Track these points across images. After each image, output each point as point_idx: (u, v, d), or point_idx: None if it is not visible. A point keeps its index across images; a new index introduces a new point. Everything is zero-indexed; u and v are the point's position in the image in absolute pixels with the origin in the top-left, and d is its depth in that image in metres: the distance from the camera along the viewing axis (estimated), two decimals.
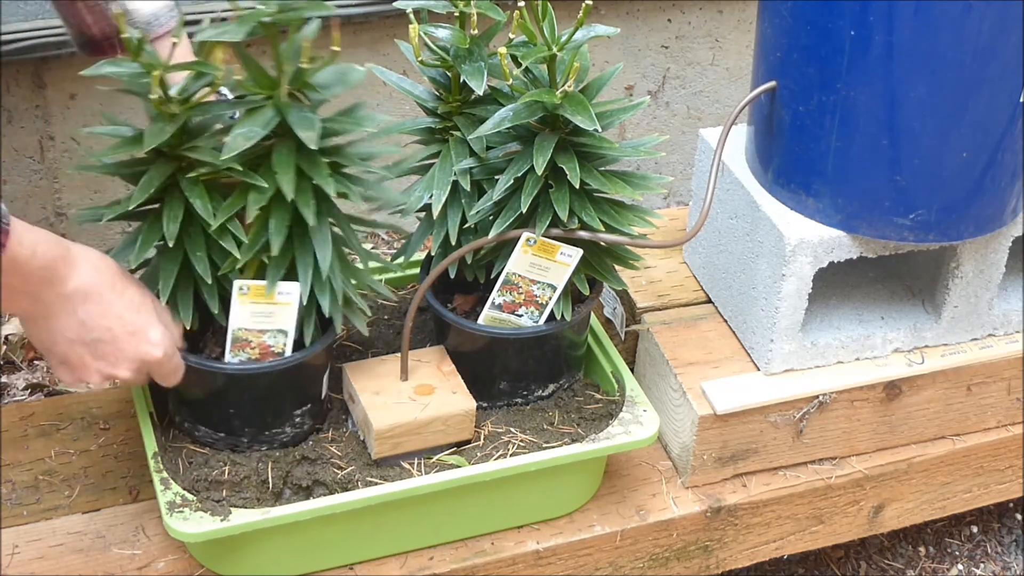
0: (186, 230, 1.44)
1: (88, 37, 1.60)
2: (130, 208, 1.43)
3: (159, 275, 1.47)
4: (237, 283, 1.47)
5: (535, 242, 1.56)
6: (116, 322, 1.41)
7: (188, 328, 1.49)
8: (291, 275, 1.48)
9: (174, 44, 1.41)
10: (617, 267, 1.65)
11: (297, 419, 1.57)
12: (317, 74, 1.43)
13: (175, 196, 1.44)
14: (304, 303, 1.48)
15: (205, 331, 1.56)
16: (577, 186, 1.52)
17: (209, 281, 1.46)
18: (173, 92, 1.41)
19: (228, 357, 1.51)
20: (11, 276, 1.32)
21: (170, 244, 1.43)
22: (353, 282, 1.54)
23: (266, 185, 1.41)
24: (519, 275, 1.59)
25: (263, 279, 1.47)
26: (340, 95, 1.45)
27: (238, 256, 1.44)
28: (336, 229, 1.51)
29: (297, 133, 1.39)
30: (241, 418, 1.54)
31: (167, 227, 1.43)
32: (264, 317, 1.49)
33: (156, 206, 1.46)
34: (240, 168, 1.40)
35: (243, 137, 1.38)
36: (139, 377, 1.46)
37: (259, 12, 1.36)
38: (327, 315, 1.51)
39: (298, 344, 1.53)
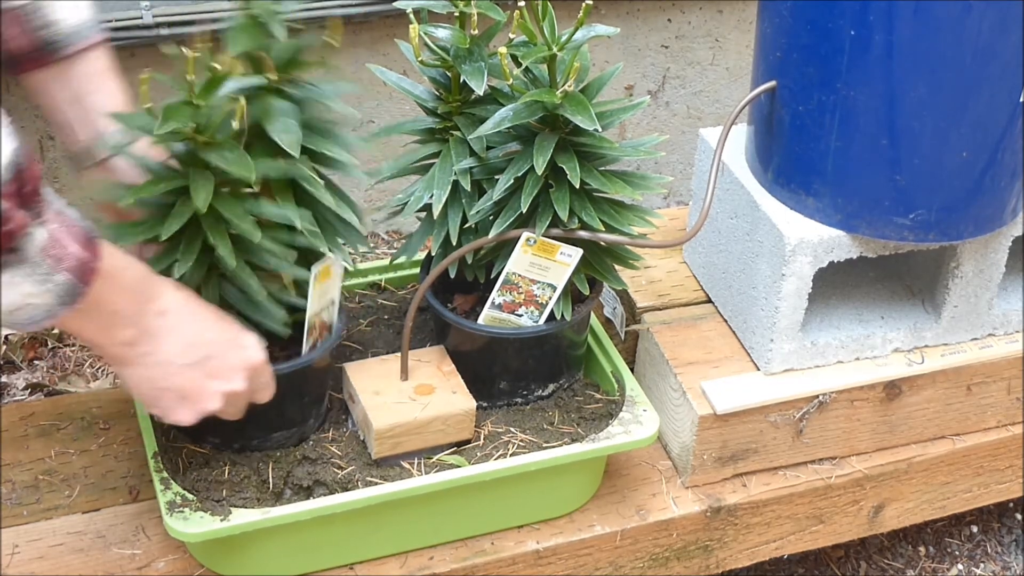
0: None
1: (11, 54, 1.45)
2: (181, 224, 1.37)
3: (246, 279, 1.43)
4: (314, 269, 1.45)
5: (535, 242, 1.56)
6: (218, 334, 1.36)
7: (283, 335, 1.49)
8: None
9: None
10: (617, 267, 1.65)
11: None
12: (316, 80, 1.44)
13: (215, 214, 1.38)
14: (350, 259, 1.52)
15: None
16: (577, 186, 1.52)
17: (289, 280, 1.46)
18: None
19: (306, 348, 1.51)
20: (112, 294, 1.23)
21: (232, 263, 1.38)
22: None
23: (314, 174, 1.42)
24: (519, 275, 1.59)
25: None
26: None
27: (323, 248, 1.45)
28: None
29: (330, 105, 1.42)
30: (313, 400, 1.57)
31: (220, 245, 1.38)
32: (324, 296, 1.50)
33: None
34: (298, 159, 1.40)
35: (286, 132, 1.38)
36: (250, 392, 1.41)
37: (263, 6, 1.36)
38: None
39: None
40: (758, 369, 1.76)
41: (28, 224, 1.14)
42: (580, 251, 1.57)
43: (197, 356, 1.34)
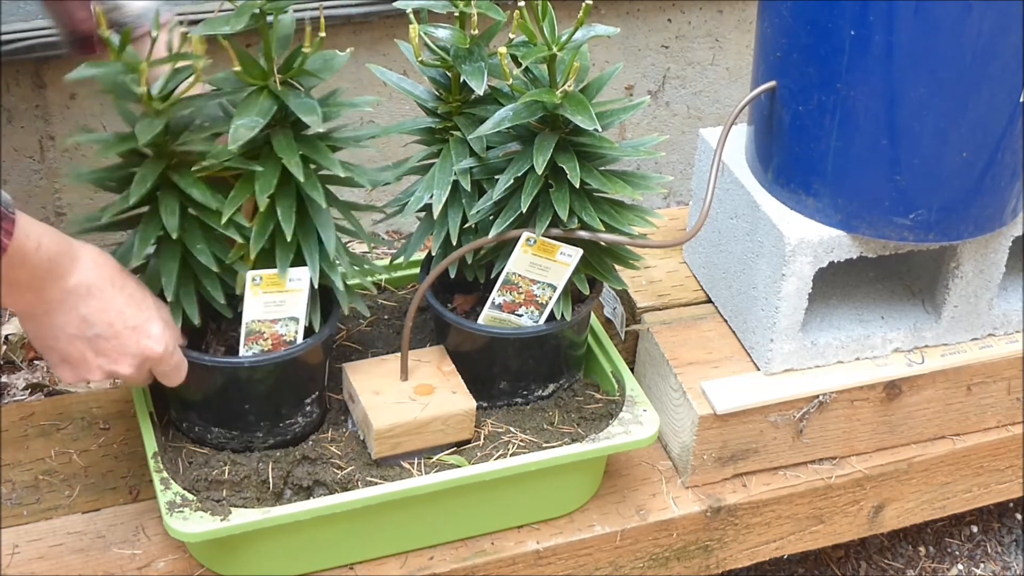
0: (183, 226, 1.44)
1: (80, 34, 1.58)
2: (128, 205, 1.42)
3: (160, 273, 1.46)
4: (250, 274, 1.46)
5: (535, 242, 1.56)
6: (117, 317, 1.40)
7: (196, 324, 1.49)
8: (296, 261, 1.49)
9: (153, 41, 1.38)
10: (617, 267, 1.65)
11: (308, 408, 1.58)
12: (307, 61, 1.44)
13: (169, 193, 1.43)
14: (315, 287, 1.49)
15: (204, 332, 1.56)
16: (577, 186, 1.52)
17: (215, 272, 1.46)
18: (154, 89, 1.40)
19: (243, 351, 1.51)
20: (17, 269, 1.31)
21: (173, 236, 1.42)
22: (355, 267, 1.55)
23: (267, 171, 1.42)
24: (519, 275, 1.59)
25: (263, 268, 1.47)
26: (327, 80, 1.46)
27: (249, 246, 1.44)
28: (334, 211, 1.53)
29: (302, 118, 1.40)
30: (256, 413, 1.54)
31: (167, 221, 1.42)
32: (276, 306, 1.49)
33: (147, 208, 1.45)
34: (241, 158, 1.41)
35: (245, 128, 1.38)
36: (140, 375, 1.45)
37: (251, 4, 1.37)
38: (338, 296, 1.52)
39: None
40: (758, 369, 1.76)
41: None
42: (580, 251, 1.57)
43: (87, 332, 1.39)
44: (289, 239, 1.45)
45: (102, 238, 1.47)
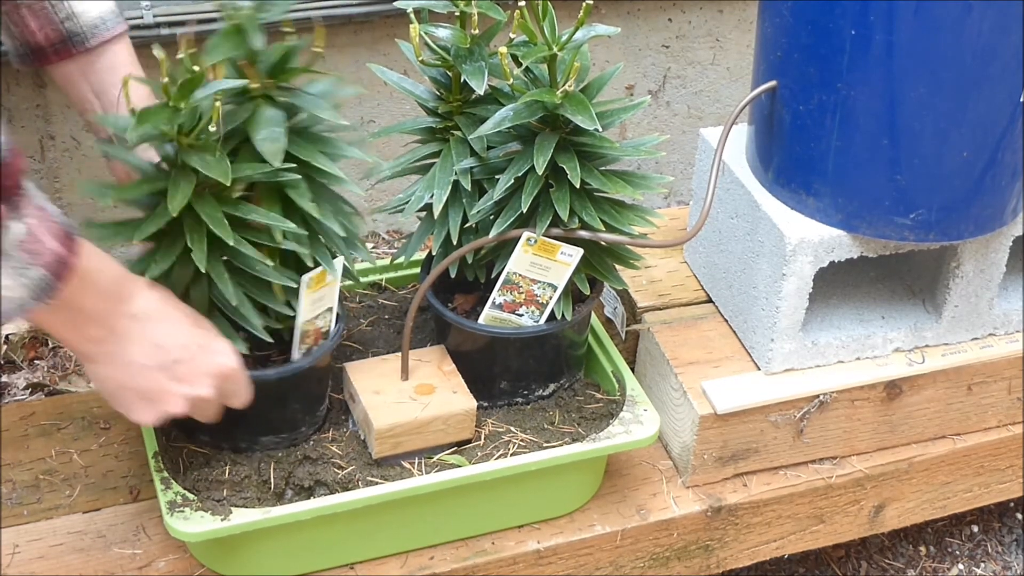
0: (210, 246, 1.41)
1: (32, 46, 1.49)
2: (167, 220, 1.37)
3: (222, 290, 1.42)
4: (304, 278, 1.45)
5: (535, 242, 1.56)
6: (188, 338, 1.35)
7: (264, 339, 1.47)
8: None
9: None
10: (618, 267, 1.65)
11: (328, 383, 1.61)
12: (308, 86, 1.44)
13: (197, 217, 1.38)
14: (352, 270, 1.53)
15: None
16: (577, 186, 1.52)
17: (268, 285, 1.45)
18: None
19: (296, 354, 1.51)
20: (85, 294, 1.24)
21: (203, 265, 1.37)
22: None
23: (300, 178, 1.42)
24: (520, 275, 1.59)
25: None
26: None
27: (307, 252, 1.44)
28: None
29: (320, 115, 1.42)
30: (304, 408, 1.56)
31: (225, 237, 1.37)
32: (319, 302, 1.49)
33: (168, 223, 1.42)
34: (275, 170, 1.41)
35: (270, 141, 1.37)
36: (219, 398, 1.41)
37: (244, 14, 1.36)
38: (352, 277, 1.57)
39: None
40: (759, 369, 1.76)
41: (6, 217, 1.14)
42: (580, 251, 1.57)
43: (164, 359, 1.34)
44: (342, 233, 1.46)
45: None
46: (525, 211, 1.53)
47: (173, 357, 1.34)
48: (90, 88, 1.51)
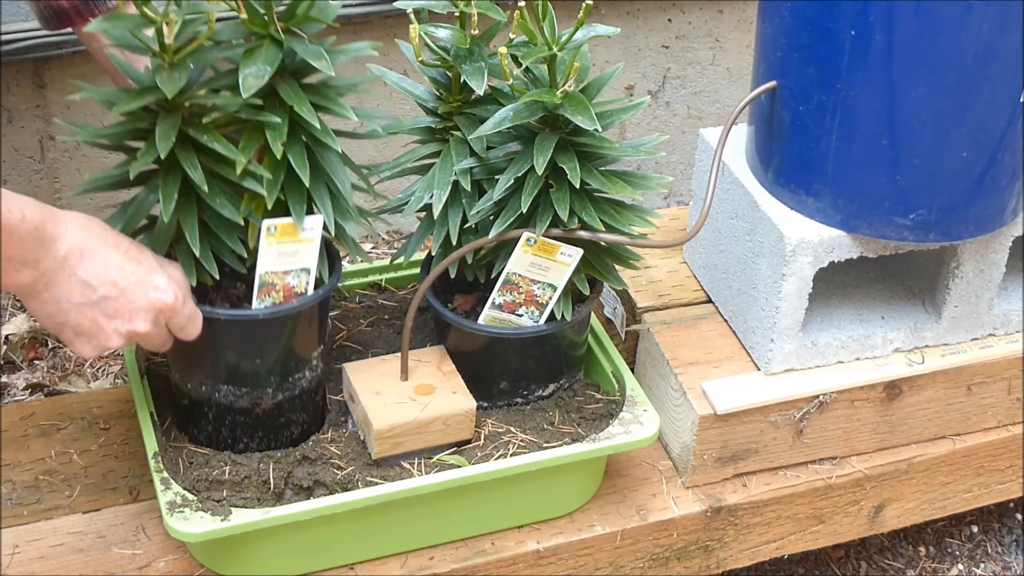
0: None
1: (55, 8, 1.55)
2: (150, 160, 1.38)
3: (181, 228, 1.42)
4: (266, 223, 1.44)
5: (535, 242, 1.56)
6: (118, 274, 1.37)
7: (216, 278, 1.46)
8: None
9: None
10: (617, 267, 1.65)
11: (314, 362, 1.57)
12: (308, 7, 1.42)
13: (186, 147, 1.40)
14: (333, 233, 1.48)
15: (206, 292, 1.53)
16: (577, 186, 1.52)
17: (233, 226, 1.43)
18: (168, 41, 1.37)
19: (256, 304, 1.49)
20: (7, 244, 1.28)
21: (204, 188, 1.38)
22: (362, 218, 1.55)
23: (280, 120, 1.40)
24: (519, 275, 1.59)
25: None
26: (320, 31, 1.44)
27: (264, 197, 1.42)
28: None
29: (312, 63, 1.39)
30: (267, 367, 1.52)
31: (192, 174, 1.38)
32: (289, 257, 1.47)
33: (154, 167, 1.43)
34: (256, 106, 1.40)
35: (253, 77, 1.36)
36: (158, 330, 1.41)
37: None
38: (348, 246, 1.51)
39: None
40: (758, 369, 1.76)
41: None
42: (580, 251, 1.57)
43: (91, 297, 1.36)
44: (307, 183, 1.43)
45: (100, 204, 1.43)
46: (525, 211, 1.53)
47: (101, 294, 1.36)
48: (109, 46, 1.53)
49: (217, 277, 1.46)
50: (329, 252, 1.55)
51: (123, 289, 1.37)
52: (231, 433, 1.57)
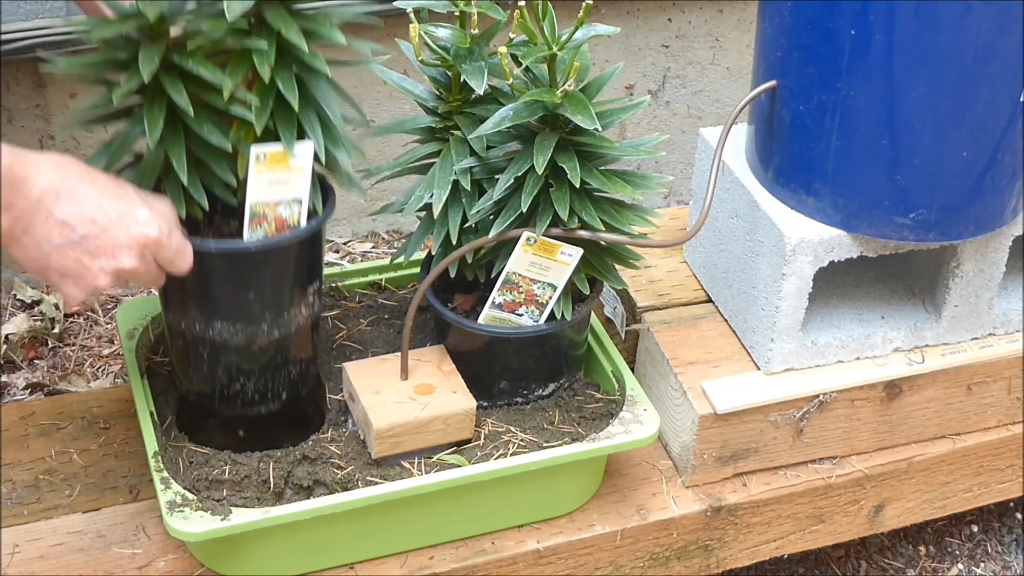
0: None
1: None
2: (133, 87, 1.36)
3: (169, 158, 1.39)
4: (254, 149, 1.40)
5: (535, 241, 1.56)
6: (97, 211, 1.32)
7: (206, 209, 1.43)
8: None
9: None
10: (617, 266, 1.65)
11: (310, 297, 1.54)
12: None
13: (171, 74, 1.37)
14: (324, 162, 1.45)
15: (198, 227, 1.50)
16: (577, 185, 1.52)
17: (223, 155, 1.40)
18: None
19: (247, 235, 1.45)
20: None
21: (189, 113, 1.36)
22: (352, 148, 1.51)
23: (267, 45, 1.37)
24: (519, 274, 1.59)
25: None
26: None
27: (253, 124, 1.39)
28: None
29: None
30: (261, 302, 1.48)
31: (178, 100, 1.36)
32: (279, 186, 1.43)
33: (138, 98, 1.41)
34: (242, 31, 1.37)
35: (238, 0, 1.34)
36: (147, 266, 1.37)
37: None
38: (340, 177, 1.48)
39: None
40: (758, 369, 1.76)
41: None
42: (580, 251, 1.57)
43: (71, 237, 1.32)
44: (296, 109, 1.40)
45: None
46: (525, 211, 1.53)
47: (80, 233, 1.32)
48: None
49: (206, 207, 1.42)
50: (323, 186, 1.52)
51: (103, 226, 1.33)
52: (227, 375, 1.53)
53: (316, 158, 1.45)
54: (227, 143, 1.40)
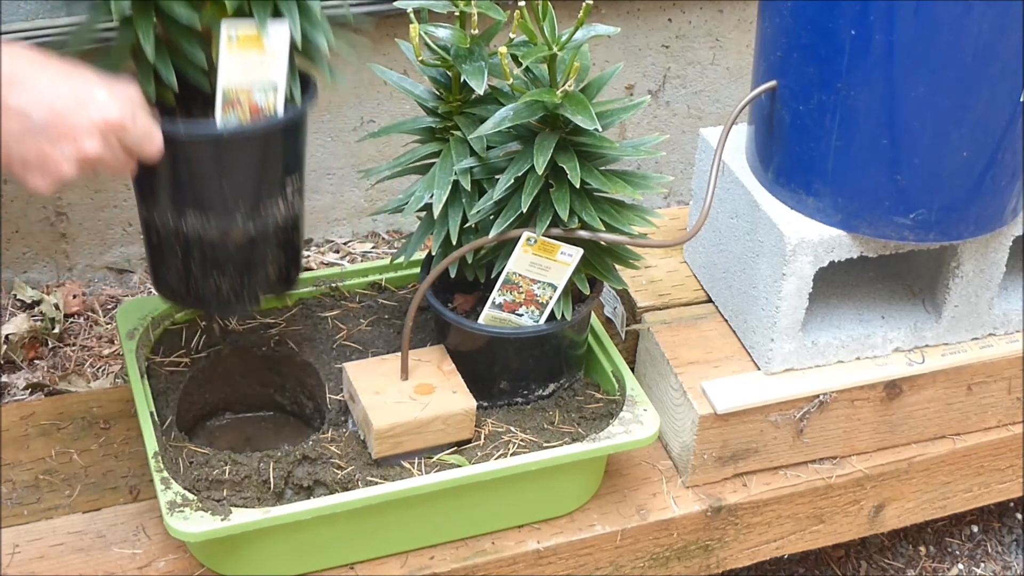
0: None
1: None
2: None
3: (137, 35, 1.33)
4: (225, 25, 1.35)
5: (535, 241, 1.56)
6: (53, 97, 1.27)
7: (176, 91, 1.38)
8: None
9: None
10: (617, 266, 1.65)
11: (288, 190, 1.47)
12: None
13: None
14: (300, 45, 1.38)
15: (172, 114, 1.44)
16: (577, 185, 1.52)
17: (194, 33, 1.34)
18: None
19: (219, 121, 1.39)
20: None
21: None
22: (337, 35, 1.45)
23: None
24: (519, 274, 1.59)
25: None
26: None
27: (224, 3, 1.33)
28: None
29: None
30: (234, 191, 1.42)
31: None
32: (254, 69, 1.37)
33: None
34: None
35: None
36: (112, 152, 1.32)
37: None
38: (319, 63, 1.42)
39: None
40: (758, 369, 1.76)
41: None
42: (580, 251, 1.57)
43: (29, 125, 1.27)
44: None
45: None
46: (525, 211, 1.53)
47: (38, 120, 1.27)
48: None
49: (175, 87, 1.37)
50: (304, 78, 1.46)
51: (61, 111, 1.27)
52: (202, 271, 1.46)
53: (293, 43, 1.37)
54: (196, 20, 1.33)
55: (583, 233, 1.56)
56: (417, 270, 1.83)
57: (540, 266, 1.58)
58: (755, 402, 1.71)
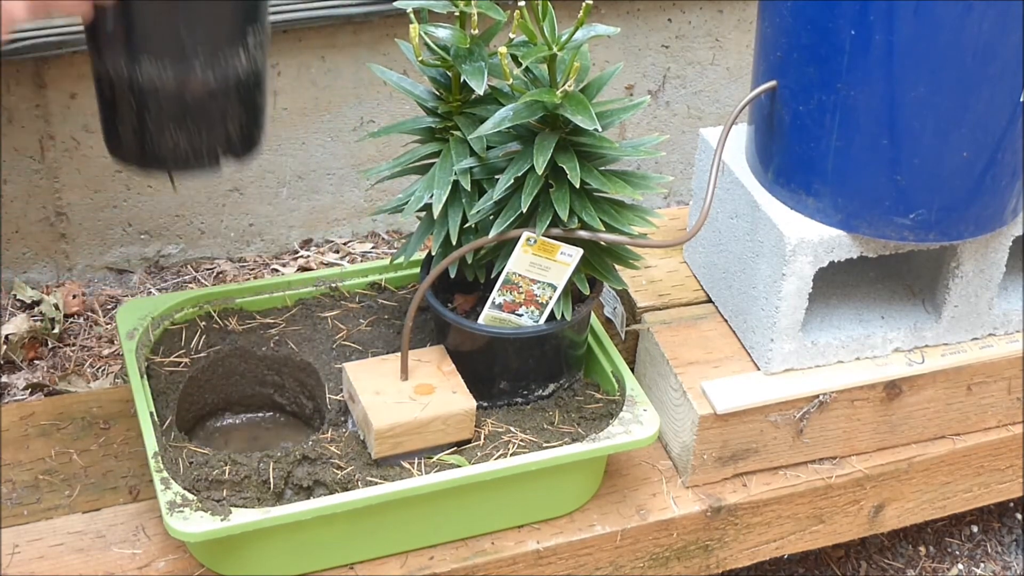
0: None
1: None
2: None
3: None
4: None
5: (535, 242, 1.56)
6: None
7: None
8: None
9: None
10: (617, 266, 1.65)
11: (249, 44, 1.37)
12: None
13: None
14: None
15: None
16: (577, 186, 1.52)
17: None
18: None
19: None
20: None
21: None
22: None
23: None
24: (519, 275, 1.59)
25: None
26: None
27: None
28: None
29: None
30: (192, 34, 1.32)
31: None
32: None
33: None
34: None
35: None
36: None
37: None
38: None
39: None
40: (758, 369, 1.76)
41: None
42: (580, 251, 1.57)
43: None
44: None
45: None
46: (525, 211, 1.53)
47: None
48: None
49: None
50: None
51: None
52: (158, 126, 1.37)
53: None
54: None
55: (583, 233, 1.56)
56: (417, 270, 1.83)
57: (540, 266, 1.58)
58: (755, 402, 1.71)
